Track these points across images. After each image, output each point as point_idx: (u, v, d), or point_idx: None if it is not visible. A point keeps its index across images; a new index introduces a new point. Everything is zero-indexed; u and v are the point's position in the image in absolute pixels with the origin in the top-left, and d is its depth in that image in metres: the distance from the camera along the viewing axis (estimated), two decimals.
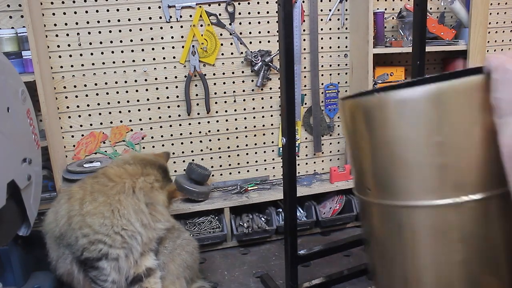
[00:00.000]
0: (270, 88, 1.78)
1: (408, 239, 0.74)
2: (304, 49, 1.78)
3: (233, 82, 1.74)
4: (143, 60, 1.64)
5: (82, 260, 1.11)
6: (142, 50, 1.63)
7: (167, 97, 1.69)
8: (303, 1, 1.74)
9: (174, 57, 1.67)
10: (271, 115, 1.81)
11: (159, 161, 1.28)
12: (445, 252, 0.72)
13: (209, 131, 1.76)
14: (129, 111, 1.67)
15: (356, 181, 0.83)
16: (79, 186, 1.18)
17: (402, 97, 0.69)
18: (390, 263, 0.78)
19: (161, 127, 1.71)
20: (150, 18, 1.62)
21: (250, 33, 1.71)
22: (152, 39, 1.63)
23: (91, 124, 1.65)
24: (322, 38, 1.80)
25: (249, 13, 1.70)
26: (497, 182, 0.69)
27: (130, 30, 1.61)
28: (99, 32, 1.59)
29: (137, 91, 1.66)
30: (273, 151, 1.85)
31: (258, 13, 1.71)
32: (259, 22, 1.72)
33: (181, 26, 1.65)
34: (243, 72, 1.74)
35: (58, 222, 1.14)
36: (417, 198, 0.71)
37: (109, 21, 1.58)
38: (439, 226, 0.71)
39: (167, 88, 1.69)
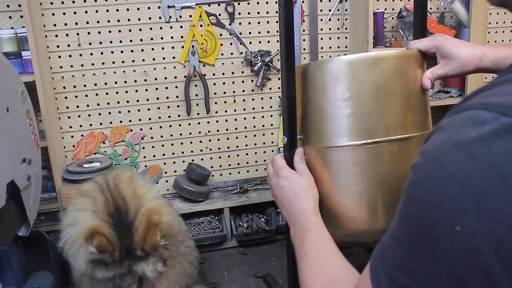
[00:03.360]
0: (270, 88, 1.78)
1: (330, 172, 0.96)
2: (304, 49, 1.78)
3: (233, 82, 1.74)
4: (143, 60, 1.64)
5: None
6: (142, 50, 1.63)
7: (167, 97, 1.69)
8: (303, 1, 1.74)
9: (173, 57, 1.66)
10: (271, 115, 1.81)
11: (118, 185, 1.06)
12: (353, 182, 0.94)
13: (209, 131, 1.76)
14: (128, 111, 1.67)
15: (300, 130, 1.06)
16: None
17: (331, 64, 0.96)
18: (320, 194, 0.98)
19: (160, 127, 1.71)
20: (149, 18, 1.62)
21: (250, 33, 1.71)
22: (151, 39, 1.63)
23: (90, 124, 1.65)
24: (322, 38, 1.80)
25: (248, 13, 1.70)
26: (386, 130, 0.93)
27: (130, 30, 1.61)
28: (99, 32, 1.58)
29: (136, 91, 1.66)
30: (273, 151, 1.85)
31: (258, 13, 1.71)
32: (258, 22, 1.72)
33: (181, 26, 1.65)
34: (243, 72, 1.74)
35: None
36: (334, 142, 0.95)
37: (108, 21, 1.58)
38: (347, 161, 0.94)
39: (166, 88, 1.69)
